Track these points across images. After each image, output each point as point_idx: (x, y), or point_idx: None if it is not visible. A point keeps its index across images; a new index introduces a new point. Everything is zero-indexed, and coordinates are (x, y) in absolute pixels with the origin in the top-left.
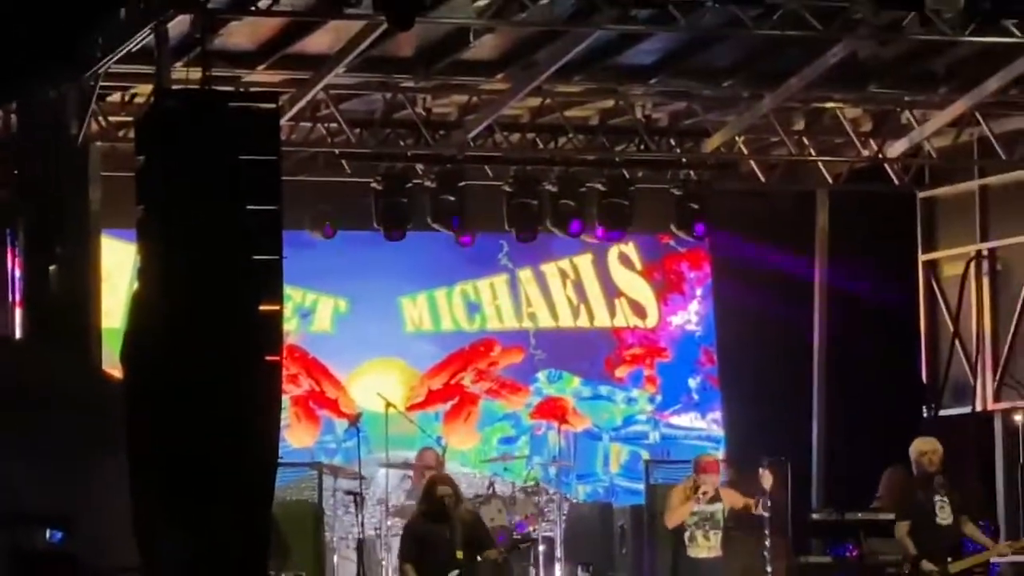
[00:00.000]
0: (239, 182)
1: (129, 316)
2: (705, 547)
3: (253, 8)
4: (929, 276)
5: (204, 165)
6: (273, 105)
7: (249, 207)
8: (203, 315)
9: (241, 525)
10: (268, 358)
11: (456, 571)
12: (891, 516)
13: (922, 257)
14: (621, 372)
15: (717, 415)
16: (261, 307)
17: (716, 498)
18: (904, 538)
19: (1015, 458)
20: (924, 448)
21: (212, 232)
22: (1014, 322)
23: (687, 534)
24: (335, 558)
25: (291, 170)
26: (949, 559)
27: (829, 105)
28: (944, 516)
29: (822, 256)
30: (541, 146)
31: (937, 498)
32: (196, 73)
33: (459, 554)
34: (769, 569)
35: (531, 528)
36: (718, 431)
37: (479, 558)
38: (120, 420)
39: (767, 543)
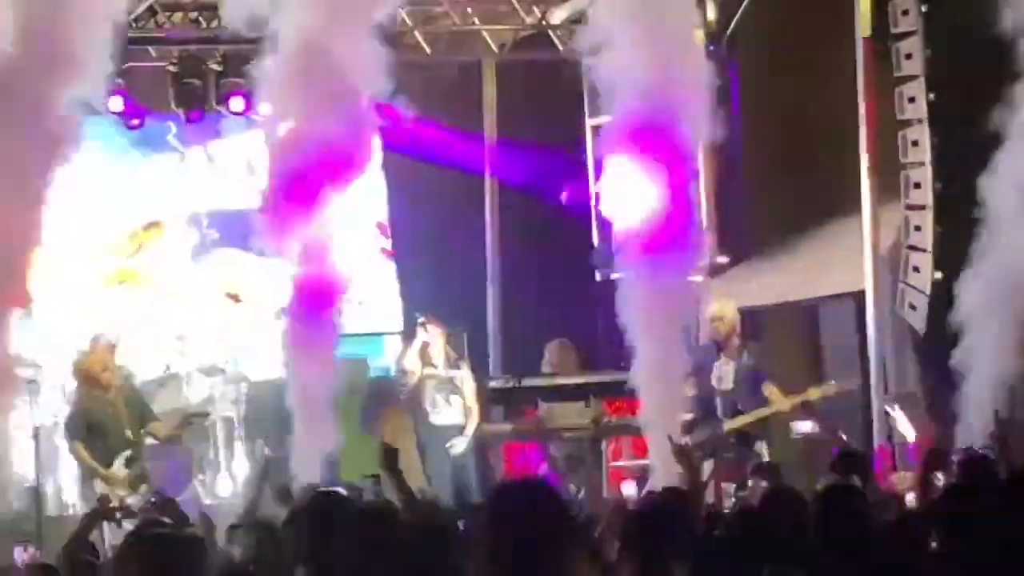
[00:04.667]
0: None
1: None
2: (448, 413)
3: None
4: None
5: None
6: None
7: None
8: None
9: None
10: None
11: (128, 451)
12: (569, 380)
13: (589, 122)
14: None
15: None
16: None
17: (456, 366)
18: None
19: None
20: (715, 314)
21: None
22: None
23: (428, 400)
24: (11, 450)
25: None
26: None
27: None
28: (725, 383)
29: (491, 126)
30: (204, 25)
31: (718, 363)
32: None
33: (128, 433)
34: None
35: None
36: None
37: (144, 433)
38: None
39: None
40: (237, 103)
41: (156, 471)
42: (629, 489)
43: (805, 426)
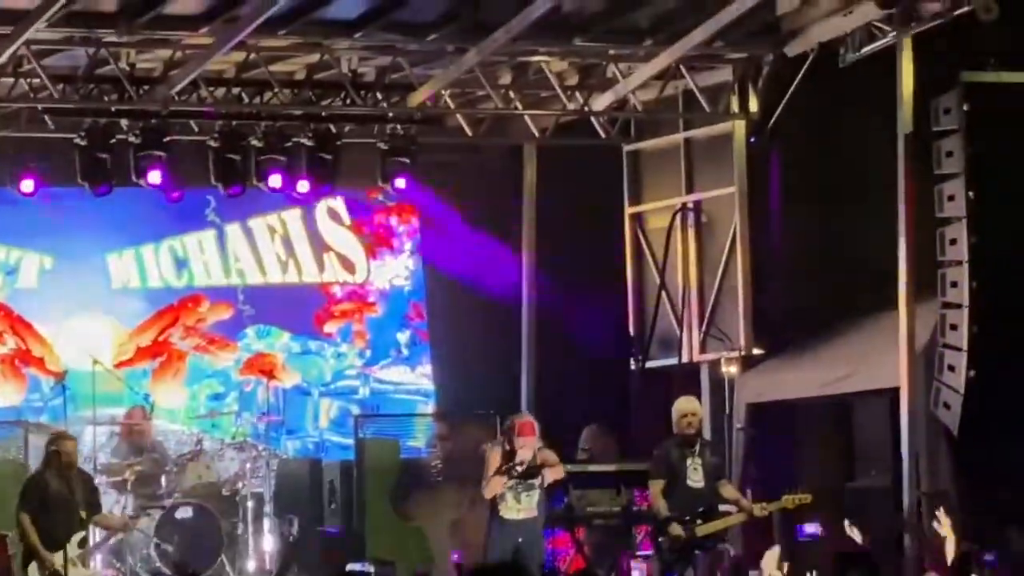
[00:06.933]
0: None
1: None
2: (515, 508)
3: None
4: (636, 229)
5: None
6: None
7: None
8: None
9: None
10: None
11: (81, 533)
12: (602, 467)
13: (628, 210)
14: (330, 327)
15: (427, 369)
16: None
17: (534, 471)
18: (657, 497)
19: (721, 408)
20: (684, 410)
21: None
22: (719, 274)
23: (500, 495)
24: None
25: None
26: (699, 521)
27: (535, 59)
28: (696, 479)
29: (530, 209)
30: (247, 100)
31: (690, 460)
32: None
33: (83, 514)
34: None
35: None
36: (428, 385)
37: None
38: None
39: None
40: (275, 180)
41: (182, 544)
42: None
43: (810, 528)
